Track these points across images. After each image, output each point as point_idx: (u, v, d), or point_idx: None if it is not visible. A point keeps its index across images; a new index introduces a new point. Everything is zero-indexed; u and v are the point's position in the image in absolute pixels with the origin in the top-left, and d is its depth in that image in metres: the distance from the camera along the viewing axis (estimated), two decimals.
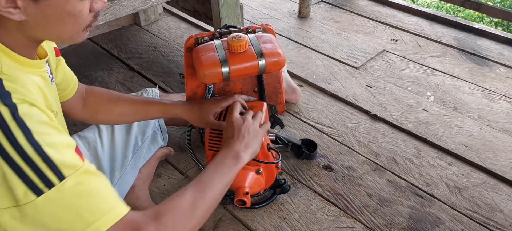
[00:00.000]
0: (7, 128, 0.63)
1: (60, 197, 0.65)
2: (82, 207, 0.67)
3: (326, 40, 2.18)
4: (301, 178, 1.41)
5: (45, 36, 0.74)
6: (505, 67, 1.99)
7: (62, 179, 0.65)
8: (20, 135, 0.64)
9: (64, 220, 0.66)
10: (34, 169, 0.64)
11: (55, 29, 0.72)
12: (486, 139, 1.56)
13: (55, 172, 0.65)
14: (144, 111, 1.23)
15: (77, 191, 0.67)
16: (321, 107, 1.72)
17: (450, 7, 3.85)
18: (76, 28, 0.74)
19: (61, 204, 0.65)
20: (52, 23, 0.71)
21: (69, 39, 0.76)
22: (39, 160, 0.64)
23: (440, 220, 1.28)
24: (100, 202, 0.69)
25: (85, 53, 2.10)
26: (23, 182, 0.63)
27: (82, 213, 0.66)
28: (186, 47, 1.36)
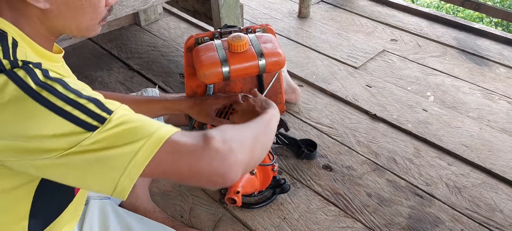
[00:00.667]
0: (44, 83, 0.65)
1: (115, 126, 0.66)
2: (139, 126, 0.68)
3: (326, 40, 2.18)
4: (301, 178, 1.41)
5: (65, 26, 0.76)
6: (504, 67, 1.99)
7: (111, 113, 0.67)
8: (59, 86, 0.66)
9: (126, 138, 0.66)
10: (83, 110, 0.65)
11: (75, 19, 0.75)
12: (486, 139, 1.56)
13: (103, 108, 0.67)
14: (148, 109, 1.25)
15: (129, 118, 0.68)
16: (321, 107, 1.72)
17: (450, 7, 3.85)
18: (94, 19, 0.77)
19: (119, 129, 0.66)
20: (73, 12, 0.73)
21: (86, 31, 0.78)
22: (84, 101, 0.66)
23: (440, 220, 1.28)
24: (154, 121, 0.71)
25: (85, 53, 2.10)
26: (76, 125, 0.64)
27: (141, 128, 0.67)
28: (186, 47, 1.36)
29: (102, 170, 0.66)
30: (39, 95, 0.64)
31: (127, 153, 0.65)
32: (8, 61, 0.67)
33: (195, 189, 1.38)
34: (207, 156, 0.69)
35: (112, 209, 1.07)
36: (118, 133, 0.66)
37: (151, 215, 1.24)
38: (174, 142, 0.68)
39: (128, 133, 0.66)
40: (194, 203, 1.33)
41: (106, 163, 0.65)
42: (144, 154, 0.66)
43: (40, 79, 0.66)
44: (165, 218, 1.24)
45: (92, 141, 0.64)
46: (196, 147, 0.69)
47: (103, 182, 0.66)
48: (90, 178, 0.67)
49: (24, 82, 0.64)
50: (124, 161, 0.65)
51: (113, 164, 0.65)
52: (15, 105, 0.63)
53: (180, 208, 1.32)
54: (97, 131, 0.65)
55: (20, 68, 0.66)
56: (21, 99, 0.64)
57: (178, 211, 1.31)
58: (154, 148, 0.66)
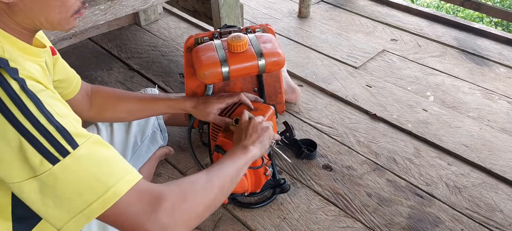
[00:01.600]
0: (18, 99, 0.64)
1: (75, 163, 0.66)
2: (98, 173, 0.67)
3: (326, 40, 2.18)
4: (301, 178, 1.41)
5: (34, 21, 0.74)
6: (504, 67, 1.99)
7: (76, 147, 0.66)
8: (32, 105, 0.65)
9: (82, 186, 0.66)
10: (48, 138, 0.65)
11: (43, 13, 0.72)
12: (486, 139, 1.56)
13: (68, 140, 0.66)
14: (150, 108, 1.25)
15: (92, 158, 0.68)
16: (321, 107, 1.72)
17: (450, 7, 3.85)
18: (64, 13, 0.74)
19: (78, 170, 0.66)
20: (39, 6, 0.71)
21: (58, 25, 0.76)
22: (52, 129, 0.65)
23: (440, 219, 1.28)
24: (115, 167, 0.70)
25: (85, 53, 2.10)
26: (38, 152, 0.64)
27: (99, 178, 0.67)
28: (186, 47, 1.36)
29: (52, 209, 0.66)
30: (10, 113, 0.63)
31: (80, 202, 0.66)
32: None
33: None
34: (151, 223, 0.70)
35: None
36: (76, 176, 0.66)
37: None
38: (126, 203, 0.69)
39: (85, 181, 0.66)
40: None
41: (57, 205, 0.66)
42: (94, 209, 0.67)
43: (15, 91, 0.64)
44: None
45: (50, 177, 0.65)
46: (143, 213, 0.70)
47: (52, 218, 0.67)
48: (41, 209, 0.67)
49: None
50: (76, 209, 0.66)
51: (65, 207, 0.66)
52: None
53: None
54: (57, 164, 0.65)
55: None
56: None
57: None
58: (105, 206, 0.67)
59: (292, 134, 1.39)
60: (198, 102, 1.26)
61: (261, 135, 1.07)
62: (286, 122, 1.39)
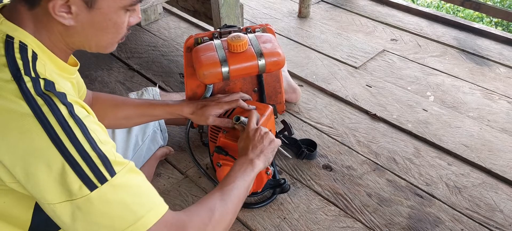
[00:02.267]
0: (66, 124, 0.67)
1: (111, 191, 0.68)
2: (130, 202, 0.70)
3: (326, 40, 2.18)
4: (301, 178, 1.41)
5: (85, 43, 0.78)
6: (505, 67, 1.99)
7: (113, 175, 0.69)
8: (78, 131, 0.67)
9: (114, 214, 0.68)
10: (90, 165, 0.67)
11: (96, 37, 0.76)
12: (486, 139, 1.56)
13: (107, 168, 0.68)
14: (149, 114, 1.25)
15: (126, 187, 0.70)
16: (321, 107, 1.72)
17: (450, 7, 3.85)
18: (114, 38, 0.79)
19: (112, 198, 0.68)
20: (96, 31, 0.75)
21: (104, 48, 0.81)
22: (94, 156, 0.67)
23: (440, 220, 1.28)
24: (146, 198, 0.73)
25: (85, 53, 2.09)
26: (78, 177, 0.66)
27: (131, 207, 0.70)
28: (186, 47, 1.36)
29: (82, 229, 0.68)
30: (57, 137, 0.65)
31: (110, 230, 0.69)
32: (30, 78, 0.67)
33: (195, 189, 1.38)
34: None
35: None
36: (109, 206, 0.68)
37: None
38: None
39: (117, 211, 0.69)
40: (194, 202, 1.33)
41: (88, 229, 0.68)
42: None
43: (63, 116, 0.67)
44: None
45: (86, 203, 0.66)
46: None
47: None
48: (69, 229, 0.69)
49: (47, 119, 0.65)
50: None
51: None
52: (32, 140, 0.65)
53: (180, 208, 1.31)
54: (95, 191, 0.66)
55: (44, 100, 0.66)
56: (39, 135, 0.65)
57: (178, 211, 1.30)
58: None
59: (291, 132, 1.39)
60: (196, 108, 1.26)
61: (266, 148, 1.10)
62: (284, 121, 1.39)
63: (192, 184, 1.39)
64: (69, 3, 0.69)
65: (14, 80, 0.66)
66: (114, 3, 0.73)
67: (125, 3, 0.75)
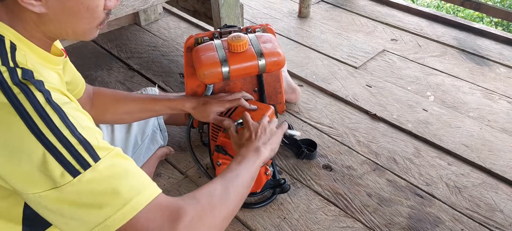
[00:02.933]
0: (43, 111, 0.65)
1: (96, 177, 0.66)
2: (118, 186, 0.67)
3: (326, 40, 2.18)
4: (301, 178, 1.41)
5: (61, 30, 0.75)
6: (505, 67, 1.99)
7: (97, 160, 0.67)
8: (56, 118, 0.65)
9: (101, 199, 0.66)
10: (70, 151, 0.65)
11: (71, 23, 0.74)
12: (486, 139, 1.56)
13: (90, 153, 0.66)
14: (150, 108, 1.25)
15: (112, 171, 0.68)
16: (321, 107, 1.72)
17: (450, 7, 3.85)
18: (91, 23, 0.76)
19: (98, 183, 0.66)
20: (69, 17, 0.72)
21: (82, 35, 0.77)
22: (75, 142, 0.66)
23: (440, 220, 1.28)
24: (135, 181, 0.70)
25: (85, 53, 2.10)
26: (60, 164, 0.64)
27: (119, 191, 0.67)
28: (186, 47, 1.36)
29: (71, 221, 0.66)
30: (34, 125, 0.64)
31: (99, 216, 0.66)
32: (7, 68, 0.66)
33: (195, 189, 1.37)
34: None
35: None
36: (95, 189, 0.66)
37: None
38: (145, 219, 0.69)
39: (104, 194, 0.66)
40: None
41: (76, 218, 0.66)
42: (113, 223, 0.66)
43: (40, 103, 0.65)
44: None
45: (70, 189, 0.65)
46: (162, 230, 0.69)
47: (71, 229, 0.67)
48: (58, 221, 0.67)
49: (23, 108, 0.64)
50: (94, 222, 0.66)
51: (83, 221, 0.66)
52: (9, 129, 0.63)
53: None
54: (77, 177, 0.65)
55: (20, 89, 0.65)
56: (16, 124, 0.63)
57: None
58: (123, 219, 0.67)
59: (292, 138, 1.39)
60: (198, 103, 1.26)
61: (271, 137, 1.07)
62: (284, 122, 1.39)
63: (192, 184, 1.39)
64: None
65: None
66: None
67: None
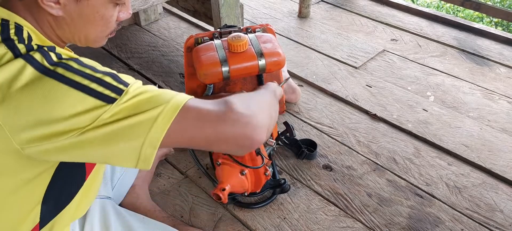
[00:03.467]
0: (60, 62, 0.68)
1: (132, 96, 0.67)
2: (155, 94, 0.69)
3: (326, 40, 2.18)
4: (301, 178, 1.41)
5: (74, 35, 0.78)
6: (505, 67, 1.99)
7: (127, 85, 0.68)
8: (74, 64, 0.68)
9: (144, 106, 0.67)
10: (100, 83, 0.67)
11: (85, 29, 0.77)
12: (486, 139, 1.56)
13: (119, 81, 0.68)
14: None
15: (144, 89, 0.70)
16: (321, 107, 1.72)
17: (450, 7, 3.85)
18: (103, 32, 0.79)
19: (137, 99, 0.67)
20: (85, 23, 0.75)
21: (93, 42, 0.80)
22: (101, 75, 0.68)
23: (440, 220, 1.28)
24: (168, 91, 0.72)
25: (85, 53, 2.09)
26: (95, 97, 0.66)
27: (158, 96, 0.68)
28: (186, 47, 1.36)
29: (123, 141, 0.66)
30: (55, 73, 0.66)
31: (146, 119, 0.66)
32: (24, 45, 0.69)
33: (195, 189, 1.38)
34: (233, 119, 0.70)
35: (112, 209, 1.07)
36: (135, 103, 0.67)
37: (152, 214, 1.24)
38: (196, 108, 0.70)
39: (145, 102, 0.67)
40: (194, 203, 1.33)
41: (126, 134, 0.66)
42: (163, 119, 0.67)
43: (55, 59, 0.68)
44: (165, 217, 1.24)
45: (111, 113, 0.66)
46: (220, 112, 0.70)
47: (126, 153, 0.67)
48: (112, 151, 0.67)
49: (41, 64, 0.66)
50: (144, 129, 0.66)
51: (133, 133, 0.66)
52: (33, 87, 0.65)
53: (180, 208, 1.32)
54: (115, 103, 0.66)
55: (36, 51, 0.68)
56: (39, 80, 0.65)
57: (178, 211, 1.31)
58: (173, 113, 0.67)
59: (292, 134, 1.39)
60: None
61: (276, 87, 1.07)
62: (286, 122, 1.39)
63: (192, 184, 1.39)
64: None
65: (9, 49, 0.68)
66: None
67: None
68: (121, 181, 1.26)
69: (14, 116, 0.64)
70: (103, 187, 1.15)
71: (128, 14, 0.81)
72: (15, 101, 0.64)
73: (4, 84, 0.65)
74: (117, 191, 1.24)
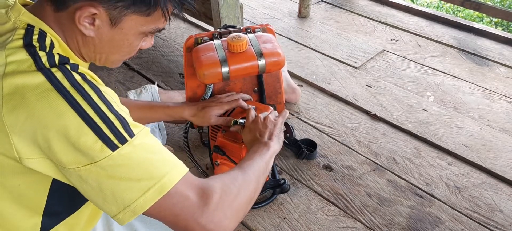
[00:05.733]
0: (81, 88, 0.68)
1: (133, 151, 0.68)
2: (153, 160, 0.70)
3: (326, 40, 2.18)
4: (301, 178, 1.41)
5: (96, 56, 0.79)
6: (505, 67, 1.99)
7: (133, 136, 0.69)
8: (94, 94, 0.68)
9: (139, 172, 0.68)
10: (109, 125, 0.67)
11: (110, 52, 0.78)
12: (486, 139, 1.56)
13: (126, 129, 0.69)
14: (149, 116, 1.26)
15: (146, 147, 0.71)
16: (321, 107, 1.72)
17: (450, 7, 3.85)
18: (124, 56, 0.82)
19: (135, 157, 0.69)
20: (112, 47, 0.77)
21: (111, 63, 0.83)
22: (113, 117, 0.68)
23: (440, 220, 1.28)
24: (167, 156, 0.74)
25: None
26: (99, 138, 0.66)
27: (154, 164, 0.70)
28: (186, 47, 1.36)
29: (110, 195, 0.68)
30: (73, 99, 0.66)
31: (137, 189, 0.68)
32: (45, 52, 0.69)
33: None
34: (204, 218, 0.72)
35: None
36: (133, 163, 0.68)
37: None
38: (180, 194, 0.72)
39: (142, 167, 0.69)
40: None
41: (115, 192, 0.68)
42: (151, 196, 0.69)
43: (77, 81, 0.68)
44: None
45: (109, 163, 0.67)
46: (196, 207, 0.72)
47: (108, 205, 0.69)
48: (96, 195, 0.69)
49: (61, 84, 0.66)
50: (132, 197, 0.68)
51: (121, 195, 0.68)
52: (47, 105, 0.65)
53: None
54: (116, 151, 0.67)
55: (58, 68, 0.68)
56: (54, 99, 0.65)
57: None
58: (161, 193, 0.69)
59: (292, 134, 1.39)
60: (197, 110, 1.26)
61: (274, 129, 1.09)
62: (286, 122, 1.39)
63: None
64: (95, 16, 0.71)
65: (30, 56, 0.68)
66: (136, 26, 0.75)
67: (146, 30, 0.77)
68: None
69: (22, 126, 0.65)
70: None
71: (150, 44, 0.84)
72: (27, 112, 0.65)
73: (20, 92, 0.65)
74: None
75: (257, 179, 0.89)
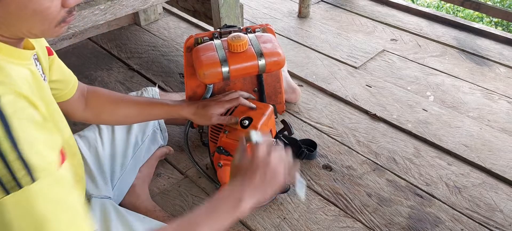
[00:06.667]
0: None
1: (26, 199, 0.60)
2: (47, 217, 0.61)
3: (326, 40, 2.18)
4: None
5: (16, 32, 0.70)
6: (504, 67, 1.99)
7: (34, 181, 0.60)
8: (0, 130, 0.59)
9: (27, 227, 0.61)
10: (6, 166, 0.59)
11: (21, 27, 0.68)
12: (486, 139, 1.56)
13: (28, 172, 0.60)
14: (148, 113, 1.23)
15: (44, 198, 0.62)
16: (321, 107, 1.72)
17: (450, 7, 3.85)
18: (45, 25, 0.69)
19: (27, 208, 0.60)
20: (17, 20, 0.66)
21: (41, 35, 0.72)
22: (13, 157, 0.59)
23: (440, 219, 1.28)
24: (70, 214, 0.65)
25: (85, 53, 2.10)
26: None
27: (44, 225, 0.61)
28: (186, 47, 1.36)
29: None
30: None
31: None
32: None
33: (195, 189, 1.38)
34: None
35: (113, 208, 1.07)
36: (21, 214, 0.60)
37: (152, 214, 1.24)
38: None
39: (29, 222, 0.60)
40: (194, 202, 1.33)
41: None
42: None
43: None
44: (165, 217, 1.24)
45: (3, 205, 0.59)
46: None
47: None
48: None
49: None
50: None
51: None
52: None
53: (180, 208, 1.32)
54: (8, 196, 0.59)
55: None
56: None
57: (178, 210, 1.31)
58: None
59: (291, 132, 1.38)
60: (197, 108, 1.24)
61: (268, 183, 0.82)
62: (284, 120, 1.39)
63: (192, 184, 1.39)
64: None
65: None
66: None
67: None
68: (121, 180, 1.26)
69: None
70: (103, 186, 1.15)
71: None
72: None
73: None
74: (117, 191, 1.24)
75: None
